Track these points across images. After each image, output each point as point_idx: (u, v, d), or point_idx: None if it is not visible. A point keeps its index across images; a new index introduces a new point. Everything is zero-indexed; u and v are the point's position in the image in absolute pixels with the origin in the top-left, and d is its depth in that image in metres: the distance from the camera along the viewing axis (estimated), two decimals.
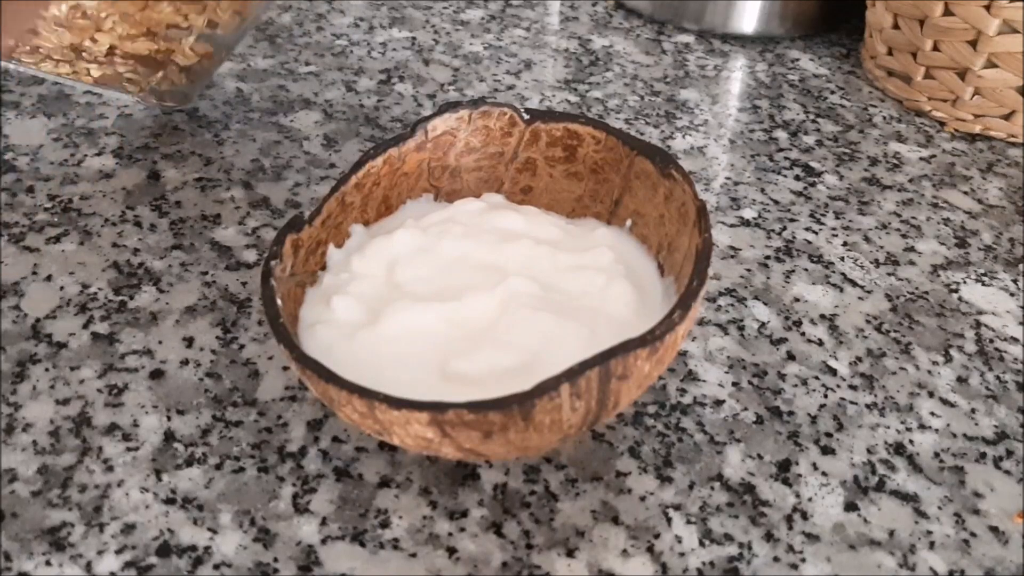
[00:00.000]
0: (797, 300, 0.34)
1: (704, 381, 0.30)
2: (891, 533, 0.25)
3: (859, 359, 0.31)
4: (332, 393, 0.22)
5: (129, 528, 0.24)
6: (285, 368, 0.29)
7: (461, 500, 0.25)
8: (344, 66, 0.49)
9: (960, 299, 0.35)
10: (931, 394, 0.30)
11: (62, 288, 0.32)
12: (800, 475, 0.27)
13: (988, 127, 0.45)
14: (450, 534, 0.24)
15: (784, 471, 0.27)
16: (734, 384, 0.30)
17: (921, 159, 0.44)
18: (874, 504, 0.26)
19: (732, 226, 0.38)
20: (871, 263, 0.36)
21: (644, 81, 0.49)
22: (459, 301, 0.26)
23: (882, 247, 0.37)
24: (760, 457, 0.27)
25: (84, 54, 0.28)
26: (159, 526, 0.24)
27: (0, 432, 0.26)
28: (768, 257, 0.36)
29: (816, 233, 0.38)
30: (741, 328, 0.32)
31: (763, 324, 0.33)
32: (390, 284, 0.27)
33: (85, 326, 0.30)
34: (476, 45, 0.52)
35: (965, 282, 0.36)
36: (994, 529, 0.26)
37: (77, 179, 0.38)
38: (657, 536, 0.25)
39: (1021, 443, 0.28)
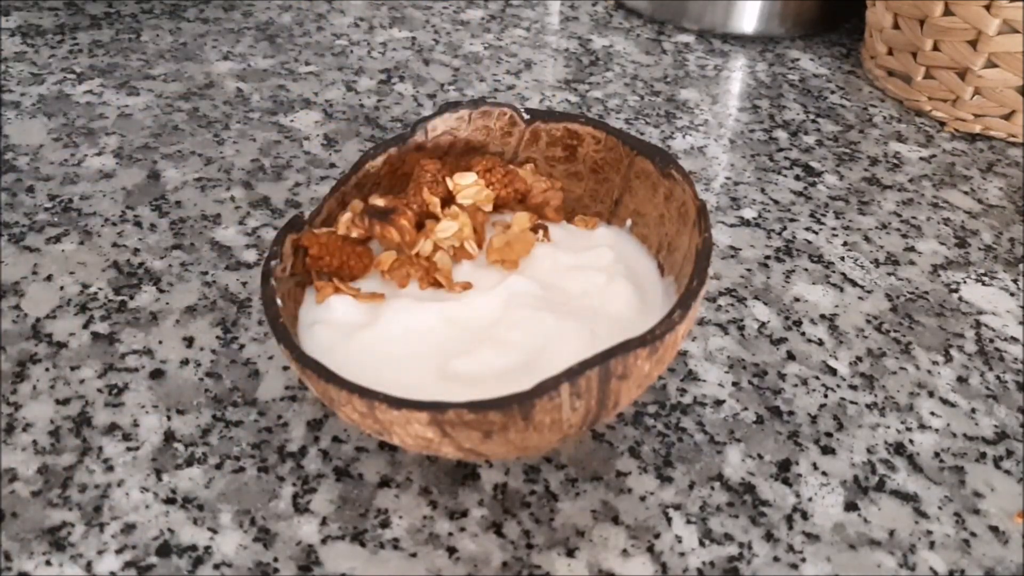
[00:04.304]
0: (797, 300, 0.34)
1: (704, 381, 0.30)
2: (891, 533, 0.25)
3: (859, 359, 0.31)
4: (332, 393, 0.22)
5: (129, 528, 0.24)
6: (285, 368, 0.29)
7: (461, 500, 0.25)
8: (344, 66, 0.49)
9: (960, 299, 0.35)
10: (931, 394, 0.30)
11: (62, 288, 0.32)
12: (800, 475, 0.27)
13: (988, 127, 0.45)
14: (450, 534, 0.24)
15: (784, 471, 0.27)
16: (734, 384, 0.30)
17: (921, 159, 0.44)
18: (874, 504, 0.26)
19: (732, 226, 0.38)
20: (871, 263, 0.36)
21: (644, 81, 0.49)
22: (459, 301, 0.26)
23: (882, 247, 0.37)
24: (760, 457, 0.27)
25: None
26: (159, 526, 0.24)
27: (0, 432, 0.26)
28: (768, 257, 0.36)
29: (816, 233, 0.38)
30: (741, 328, 0.32)
31: (763, 324, 0.33)
32: (390, 283, 0.27)
33: (85, 326, 0.30)
34: (476, 45, 0.52)
35: (965, 282, 0.36)
36: (994, 529, 0.26)
37: (77, 179, 0.38)
38: (657, 536, 0.25)
39: (1021, 443, 0.28)
